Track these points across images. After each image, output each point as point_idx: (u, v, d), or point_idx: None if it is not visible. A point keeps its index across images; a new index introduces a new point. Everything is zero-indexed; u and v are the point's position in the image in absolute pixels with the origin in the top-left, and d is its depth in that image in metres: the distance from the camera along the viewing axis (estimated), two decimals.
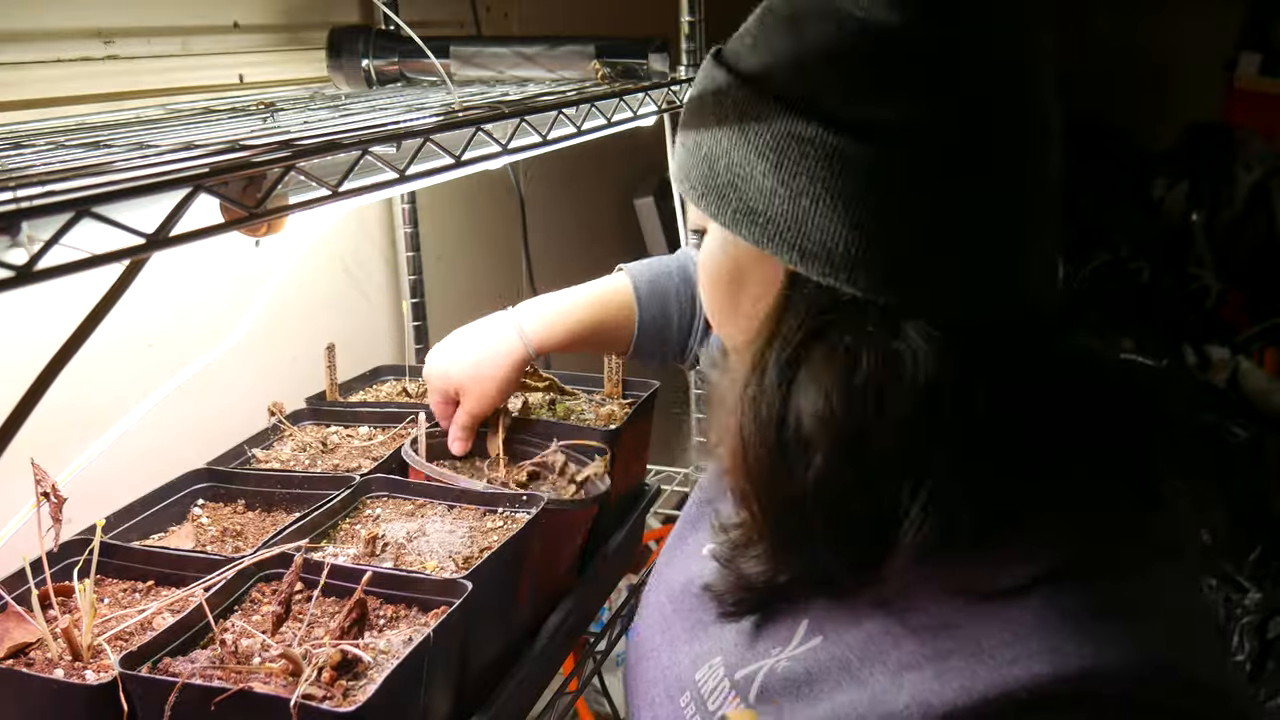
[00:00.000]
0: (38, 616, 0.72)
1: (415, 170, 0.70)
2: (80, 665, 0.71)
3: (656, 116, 1.12)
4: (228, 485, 0.97)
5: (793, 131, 0.59)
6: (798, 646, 0.65)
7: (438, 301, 1.49)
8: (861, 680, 0.59)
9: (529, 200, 1.62)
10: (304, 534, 0.86)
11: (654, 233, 2.25)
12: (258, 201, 0.57)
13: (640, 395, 1.16)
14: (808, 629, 0.65)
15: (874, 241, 0.58)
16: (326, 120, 0.79)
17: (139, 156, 0.59)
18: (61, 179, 0.50)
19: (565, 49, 1.10)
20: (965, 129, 0.58)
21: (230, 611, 0.77)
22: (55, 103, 0.94)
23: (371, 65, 1.15)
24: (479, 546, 0.85)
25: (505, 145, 0.79)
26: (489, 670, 0.85)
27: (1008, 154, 0.59)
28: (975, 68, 0.58)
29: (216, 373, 1.11)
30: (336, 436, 1.10)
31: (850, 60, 0.59)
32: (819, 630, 0.64)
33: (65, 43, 0.96)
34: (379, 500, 0.94)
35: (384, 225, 1.40)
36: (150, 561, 0.83)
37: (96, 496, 0.89)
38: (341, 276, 1.34)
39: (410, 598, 0.77)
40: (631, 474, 1.16)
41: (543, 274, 1.79)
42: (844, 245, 0.58)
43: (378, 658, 0.69)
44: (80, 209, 0.46)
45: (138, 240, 0.49)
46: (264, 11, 1.17)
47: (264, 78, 1.18)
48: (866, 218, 0.58)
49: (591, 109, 0.93)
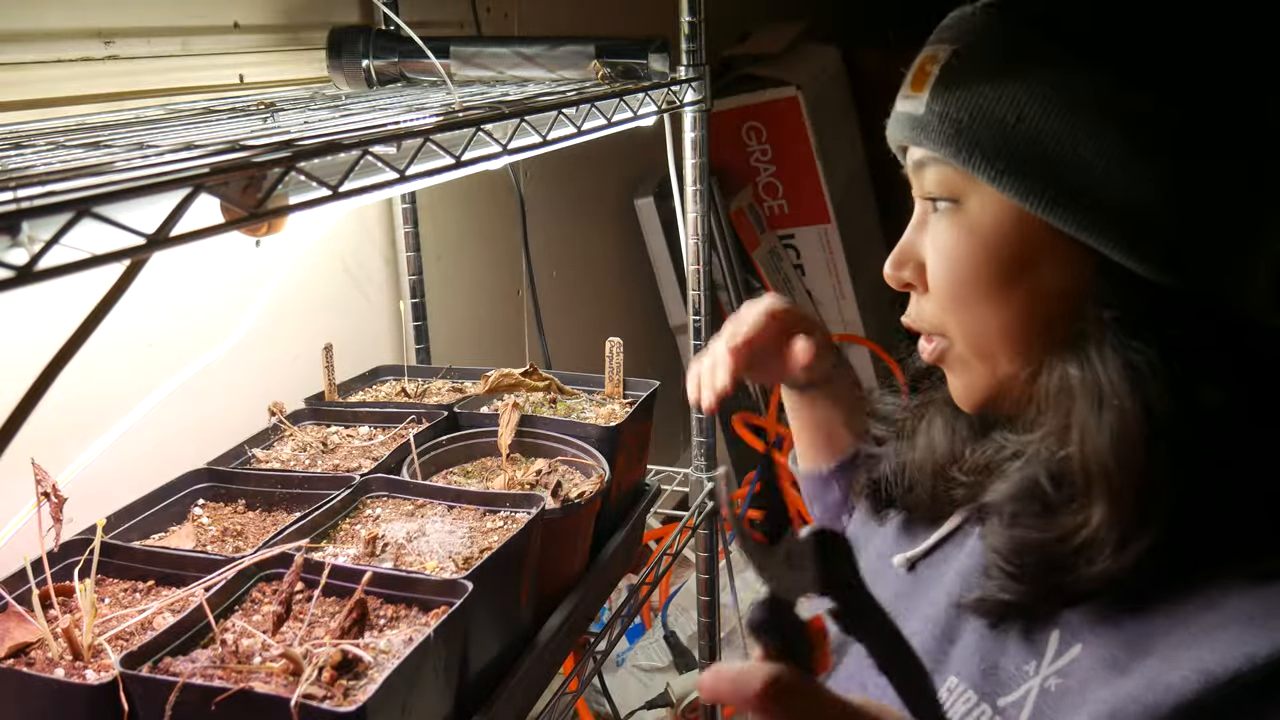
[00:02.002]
0: (38, 616, 0.72)
1: (415, 170, 0.70)
2: (81, 665, 0.71)
3: (656, 116, 1.12)
4: (228, 485, 0.97)
5: (1139, 111, 0.55)
6: (1057, 659, 0.62)
7: (437, 301, 1.49)
8: (1131, 672, 0.57)
9: (529, 200, 1.62)
10: (304, 534, 0.86)
11: (654, 233, 2.26)
12: (258, 201, 0.57)
13: (640, 395, 1.16)
14: (1060, 639, 0.62)
15: (1208, 233, 0.56)
16: (327, 120, 0.79)
17: (139, 156, 0.59)
18: (62, 179, 0.50)
19: (565, 49, 1.10)
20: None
21: (231, 611, 0.77)
22: (55, 103, 0.94)
23: (371, 65, 1.15)
24: (479, 546, 0.85)
25: (505, 145, 0.79)
26: (489, 670, 0.85)
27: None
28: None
29: (216, 373, 1.11)
30: (337, 436, 1.10)
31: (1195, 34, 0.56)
32: (1075, 638, 0.61)
33: (65, 43, 0.96)
34: (379, 500, 0.94)
35: (384, 225, 1.40)
36: (151, 561, 0.83)
37: (97, 496, 0.89)
38: (341, 276, 1.34)
39: (410, 598, 0.77)
40: (632, 474, 1.16)
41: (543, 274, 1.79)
42: (1180, 237, 0.56)
43: (378, 658, 0.69)
44: (80, 209, 0.46)
45: (138, 240, 0.49)
46: (264, 11, 1.17)
47: (264, 78, 1.18)
48: (1206, 207, 0.56)
49: (591, 109, 0.93)
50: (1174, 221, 0.56)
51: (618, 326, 1.30)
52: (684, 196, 1.28)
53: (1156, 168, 0.56)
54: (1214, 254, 0.57)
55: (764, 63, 2.62)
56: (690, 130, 1.24)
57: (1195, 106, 0.55)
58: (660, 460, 1.49)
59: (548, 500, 0.92)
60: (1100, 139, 0.56)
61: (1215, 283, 0.57)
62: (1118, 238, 0.57)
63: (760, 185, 2.69)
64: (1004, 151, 0.59)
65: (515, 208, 1.59)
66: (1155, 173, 0.56)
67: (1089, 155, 0.57)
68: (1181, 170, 0.56)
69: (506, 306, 1.76)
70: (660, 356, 2.39)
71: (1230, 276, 0.57)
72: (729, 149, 2.63)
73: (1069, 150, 0.57)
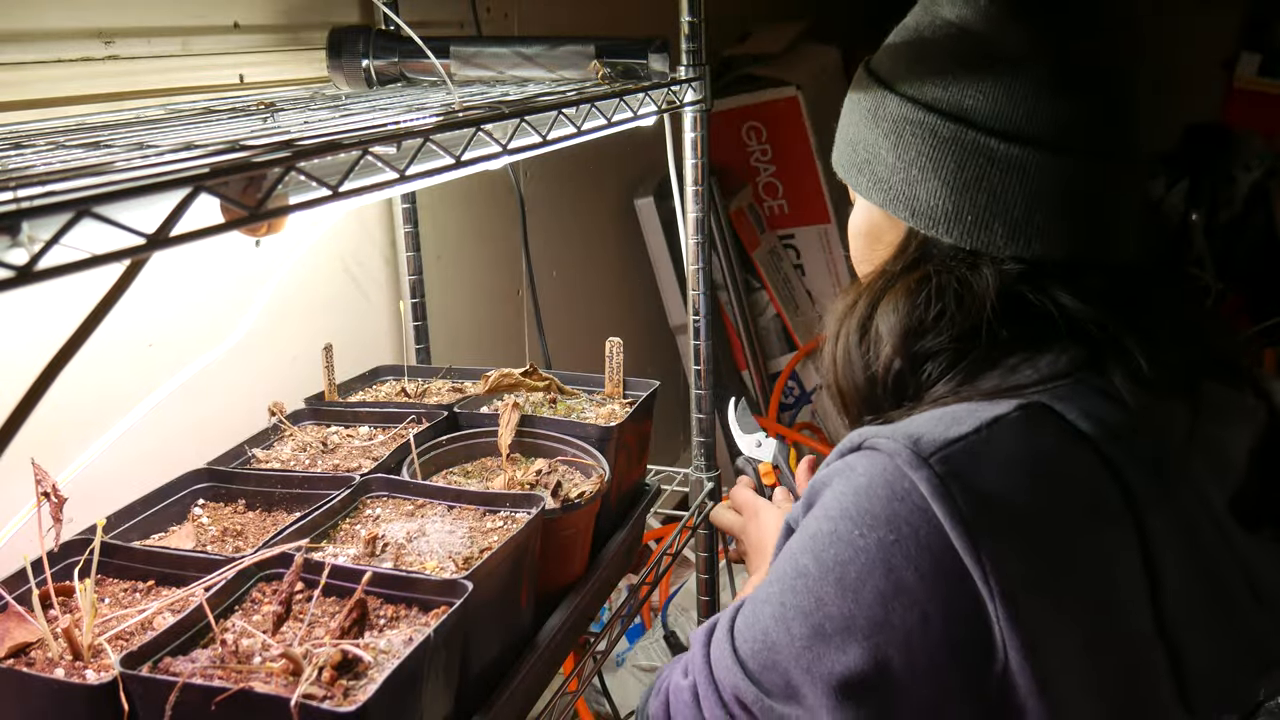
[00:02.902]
0: (38, 616, 0.72)
1: (415, 170, 0.70)
2: (81, 665, 0.71)
3: (656, 116, 1.12)
4: (228, 485, 0.97)
5: (907, 116, 0.78)
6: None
7: (437, 301, 1.49)
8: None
9: (529, 200, 1.62)
10: (304, 534, 0.86)
11: (654, 233, 2.26)
12: (258, 201, 0.57)
13: (640, 395, 1.16)
14: None
15: (966, 201, 0.76)
16: (327, 120, 0.79)
17: (139, 156, 0.59)
18: (62, 179, 0.50)
19: (565, 49, 1.10)
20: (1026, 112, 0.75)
21: (231, 611, 0.77)
22: (56, 103, 0.94)
23: (371, 65, 1.15)
24: (479, 546, 0.85)
25: (505, 145, 0.79)
26: (489, 670, 0.85)
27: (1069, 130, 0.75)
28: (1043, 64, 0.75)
29: (216, 373, 1.11)
30: (337, 436, 1.10)
31: (948, 58, 0.78)
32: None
33: (65, 43, 0.96)
34: (379, 500, 0.94)
35: (384, 225, 1.40)
36: (151, 561, 0.83)
37: (97, 496, 0.89)
38: (341, 276, 1.34)
39: (410, 598, 0.77)
40: (632, 474, 1.16)
41: (543, 274, 1.79)
42: (943, 203, 0.77)
43: (378, 658, 0.69)
44: (81, 209, 0.46)
45: (138, 240, 0.49)
46: (264, 11, 1.17)
47: (264, 78, 1.18)
48: (959, 183, 0.76)
49: (591, 109, 0.93)
50: (947, 201, 0.77)
51: (618, 326, 1.30)
52: (684, 196, 1.28)
53: (933, 164, 0.77)
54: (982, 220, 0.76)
55: (764, 63, 2.62)
56: (690, 130, 1.24)
57: (956, 120, 0.76)
58: (660, 460, 1.49)
59: (548, 500, 0.92)
60: (888, 140, 0.79)
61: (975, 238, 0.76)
62: (904, 208, 0.79)
63: (760, 185, 2.69)
64: (848, 157, 0.84)
65: (515, 208, 1.59)
66: (932, 167, 0.77)
67: (884, 153, 0.80)
68: (932, 158, 0.77)
69: (506, 306, 1.76)
70: (660, 356, 2.39)
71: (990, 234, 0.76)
72: (729, 149, 2.63)
73: (876, 154, 0.80)
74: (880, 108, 0.80)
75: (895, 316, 0.78)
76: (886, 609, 0.67)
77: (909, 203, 0.78)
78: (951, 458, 0.67)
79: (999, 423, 0.70)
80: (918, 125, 0.77)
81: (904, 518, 0.67)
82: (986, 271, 0.75)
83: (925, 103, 0.77)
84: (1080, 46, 0.76)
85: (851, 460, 0.72)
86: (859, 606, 0.67)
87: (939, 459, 0.67)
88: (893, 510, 0.67)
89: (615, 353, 1.16)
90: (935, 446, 0.68)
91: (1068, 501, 0.70)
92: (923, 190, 0.77)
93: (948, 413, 0.72)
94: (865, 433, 0.72)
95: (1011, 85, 0.75)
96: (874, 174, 0.81)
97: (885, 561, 0.67)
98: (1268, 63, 3.63)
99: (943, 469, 0.67)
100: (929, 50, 0.79)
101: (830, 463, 0.75)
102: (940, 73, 0.77)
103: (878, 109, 0.80)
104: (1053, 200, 0.75)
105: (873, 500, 0.68)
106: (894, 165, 0.79)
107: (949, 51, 0.78)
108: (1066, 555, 0.68)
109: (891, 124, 0.79)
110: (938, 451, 0.68)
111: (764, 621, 0.73)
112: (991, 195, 0.75)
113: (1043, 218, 0.75)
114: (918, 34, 0.81)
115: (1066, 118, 0.75)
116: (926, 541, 0.66)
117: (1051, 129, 0.74)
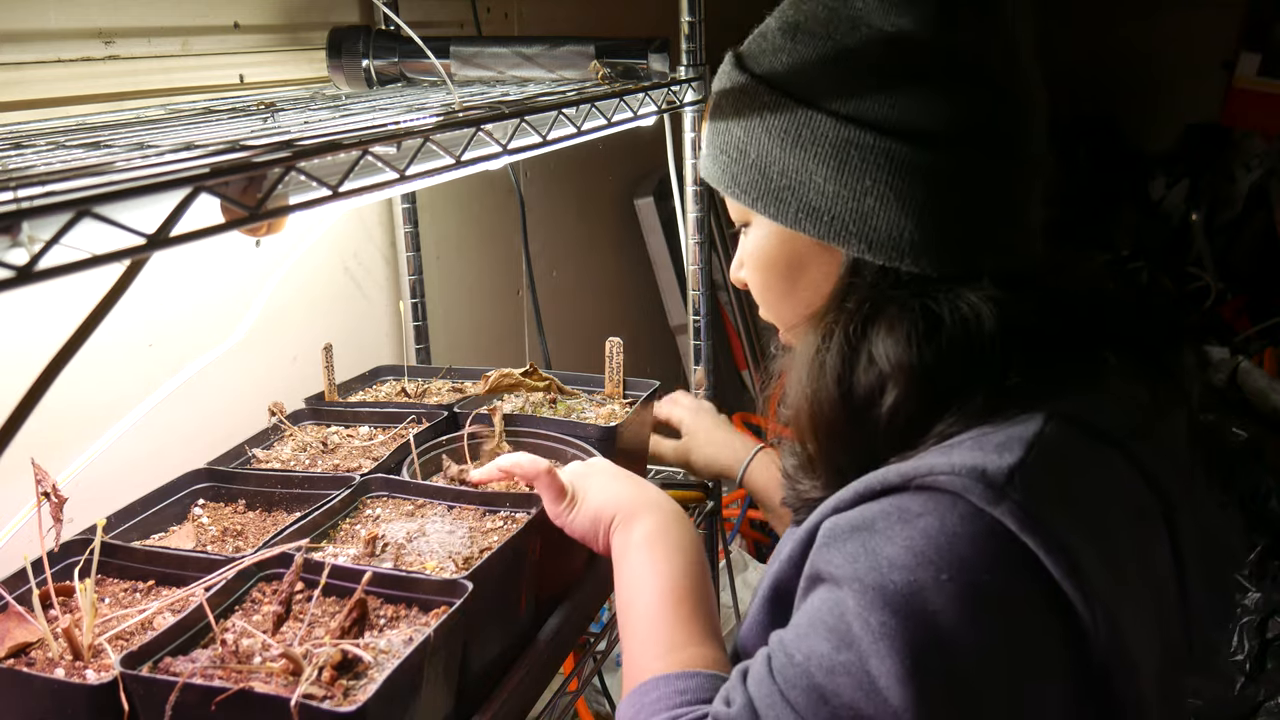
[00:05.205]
0: (39, 616, 0.72)
1: (415, 170, 0.70)
2: (81, 665, 0.71)
3: (656, 116, 1.12)
4: (228, 485, 0.97)
5: (850, 139, 0.71)
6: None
7: (437, 301, 1.49)
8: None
9: (529, 200, 1.62)
10: (304, 534, 0.86)
11: (654, 233, 2.26)
12: (258, 201, 0.57)
13: (640, 395, 1.16)
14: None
15: (935, 228, 0.71)
16: (327, 120, 0.79)
17: (139, 156, 0.59)
18: (62, 179, 0.50)
19: (565, 49, 1.10)
20: (995, 124, 0.72)
21: (231, 611, 0.77)
22: (56, 103, 0.95)
23: (372, 65, 1.15)
24: (479, 547, 0.85)
25: (505, 145, 0.79)
26: (489, 670, 0.85)
27: (1019, 138, 0.73)
28: (990, 68, 0.72)
29: (216, 373, 1.11)
30: (337, 436, 1.10)
31: (891, 71, 0.71)
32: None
33: (66, 43, 0.96)
34: (379, 500, 0.94)
35: (384, 225, 1.40)
36: (151, 561, 0.83)
37: (97, 496, 0.89)
38: (341, 276, 1.34)
39: (410, 598, 0.77)
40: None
41: (543, 274, 1.79)
42: (909, 234, 0.71)
43: (378, 657, 0.69)
44: (81, 209, 0.46)
45: (138, 240, 0.49)
46: (264, 12, 1.17)
47: (264, 78, 1.18)
48: (926, 210, 0.71)
49: (591, 109, 0.93)
50: (898, 224, 0.71)
51: (618, 326, 1.30)
52: (684, 196, 1.28)
53: (872, 184, 0.71)
54: (940, 245, 0.72)
55: None
56: (690, 130, 1.24)
57: (904, 138, 0.70)
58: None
59: None
60: (827, 167, 0.72)
61: (950, 264, 0.72)
62: (855, 240, 0.73)
63: None
64: (757, 183, 0.76)
65: (515, 208, 1.59)
66: (872, 187, 0.71)
67: (820, 180, 0.73)
68: (893, 186, 0.71)
69: (506, 306, 1.76)
70: (660, 356, 2.39)
71: (967, 257, 0.72)
72: None
73: (806, 178, 0.73)
74: (804, 128, 0.73)
75: (894, 354, 0.71)
76: (996, 651, 0.63)
77: (863, 235, 0.72)
78: (1024, 486, 0.64)
79: (1041, 440, 0.67)
80: (867, 149, 0.71)
81: (994, 554, 0.63)
82: (973, 298, 0.70)
83: (870, 122, 0.71)
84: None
85: (902, 503, 0.66)
86: (966, 655, 0.63)
87: (1015, 489, 0.63)
88: (977, 549, 0.63)
89: (615, 353, 1.16)
90: (1004, 477, 0.64)
91: (1120, 505, 0.69)
92: (881, 221, 0.71)
93: (983, 439, 0.67)
94: (904, 470, 0.66)
95: (975, 97, 0.71)
96: (804, 203, 0.74)
97: (983, 601, 0.62)
98: (1268, 63, 3.63)
99: (1022, 497, 0.63)
100: (858, 62, 0.72)
101: (844, 507, 0.69)
102: (882, 89, 0.71)
103: (800, 130, 0.73)
104: (1016, 212, 0.73)
105: (954, 541, 0.63)
106: (836, 194, 0.72)
107: (887, 64, 0.71)
108: (1127, 558, 0.67)
109: (830, 148, 0.72)
110: (1009, 482, 0.64)
111: (847, 693, 0.63)
112: (967, 221, 0.71)
113: (1018, 233, 0.73)
114: (838, 44, 0.73)
115: (1025, 124, 0.73)
116: (1021, 574, 0.63)
117: (995, 138, 0.72)
